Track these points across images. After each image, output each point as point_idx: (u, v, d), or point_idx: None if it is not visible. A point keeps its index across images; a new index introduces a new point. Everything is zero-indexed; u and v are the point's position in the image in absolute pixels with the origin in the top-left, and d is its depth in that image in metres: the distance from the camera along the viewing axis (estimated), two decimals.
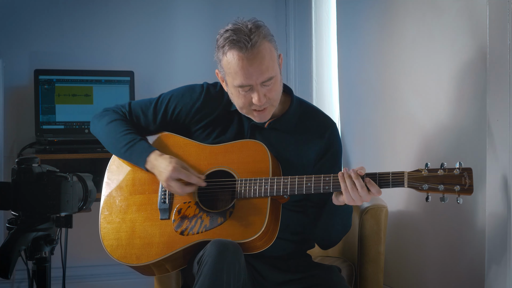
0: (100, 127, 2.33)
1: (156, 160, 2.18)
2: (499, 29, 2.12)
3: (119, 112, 2.33)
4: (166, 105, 2.30)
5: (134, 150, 2.22)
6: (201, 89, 2.29)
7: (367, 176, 1.97)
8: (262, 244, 2.07)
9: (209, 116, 2.27)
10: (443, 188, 1.90)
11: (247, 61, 2.05)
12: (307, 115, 2.26)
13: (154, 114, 2.31)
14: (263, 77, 2.07)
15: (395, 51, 2.87)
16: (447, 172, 1.91)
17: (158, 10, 3.82)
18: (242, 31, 2.07)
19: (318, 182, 2.03)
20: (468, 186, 1.89)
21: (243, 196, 2.09)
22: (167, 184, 2.14)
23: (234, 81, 2.10)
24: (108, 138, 2.29)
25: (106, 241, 2.21)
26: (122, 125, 2.28)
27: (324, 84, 3.64)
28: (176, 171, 2.12)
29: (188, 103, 2.28)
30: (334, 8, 3.46)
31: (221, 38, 2.10)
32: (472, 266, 2.36)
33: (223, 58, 2.11)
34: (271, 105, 2.14)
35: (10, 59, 3.53)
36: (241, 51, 2.05)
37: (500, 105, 2.12)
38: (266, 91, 2.10)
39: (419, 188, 1.93)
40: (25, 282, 3.53)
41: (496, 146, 2.14)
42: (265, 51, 2.07)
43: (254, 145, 2.16)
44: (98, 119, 2.35)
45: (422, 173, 1.93)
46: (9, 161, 3.49)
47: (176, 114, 2.29)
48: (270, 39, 2.11)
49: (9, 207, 1.69)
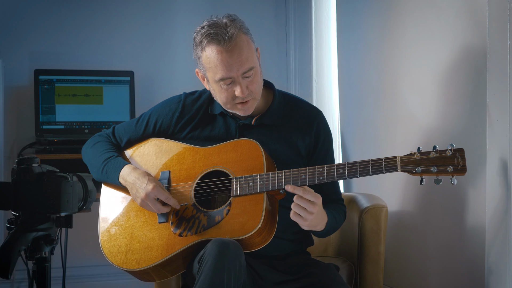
0: (85, 151, 2.36)
1: (129, 175, 2.19)
2: (499, 29, 2.12)
3: (103, 135, 2.37)
4: (147, 122, 2.32)
5: (109, 167, 2.24)
6: (178, 99, 2.32)
7: (359, 163, 1.99)
8: (261, 240, 2.07)
9: (191, 122, 2.29)
10: (436, 170, 1.90)
11: (226, 53, 2.08)
12: (293, 107, 2.28)
13: (136, 131, 2.33)
14: (244, 67, 2.10)
15: (395, 51, 2.87)
16: (439, 154, 1.91)
17: (158, 10, 3.82)
18: (218, 25, 2.11)
19: (312, 174, 2.04)
20: (461, 166, 1.88)
21: (239, 193, 2.10)
22: (142, 201, 2.14)
23: (215, 76, 2.12)
24: (90, 160, 2.32)
25: (106, 249, 2.22)
26: (102, 145, 2.31)
27: (324, 84, 3.64)
28: (155, 190, 2.13)
29: (168, 115, 2.30)
30: (334, 8, 3.46)
31: (198, 35, 2.14)
32: (472, 266, 2.36)
33: (202, 54, 2.14)
34: (253, 98, 2.17)
35: (10, 59, 3.53)
36: (220, 44, 2.08)
37: (500, 105, 2.12)
38: (248, 83, 2.13)
39: (412, 171, 1.92)
40: (25, 282, 3.53)
41: (496, 146, 2.14)
42: (242, 43, 2.10)
43: (247, 143, 2.16)
44: (85, 145, 2.39)
45: (414, 156, 1.93)
46: (9, 161, 3.49)
47: (158, 127, 2.31)
48: (246, 32, 2.15)
49: (9, 207, 1.69)
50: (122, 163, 2.23)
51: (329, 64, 3.60)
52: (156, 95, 3.57)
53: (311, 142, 2.24)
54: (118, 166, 2.22)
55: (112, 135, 2.36)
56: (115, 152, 2.29)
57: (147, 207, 2.16)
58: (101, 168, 2.26)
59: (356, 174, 1.99)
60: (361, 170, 1.98)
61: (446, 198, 2.50)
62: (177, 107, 2.30)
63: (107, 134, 2.37)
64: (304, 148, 2.23)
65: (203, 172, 2.19)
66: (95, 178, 2.27)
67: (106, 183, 2.30)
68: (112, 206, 2.28)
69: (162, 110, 2.32)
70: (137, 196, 2.16)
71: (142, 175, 2.17)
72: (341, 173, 2.01)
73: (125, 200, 2.26)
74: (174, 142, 2.29)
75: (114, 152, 2.28)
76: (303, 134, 2.23)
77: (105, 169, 2.24)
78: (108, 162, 2.24)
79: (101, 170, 2.26)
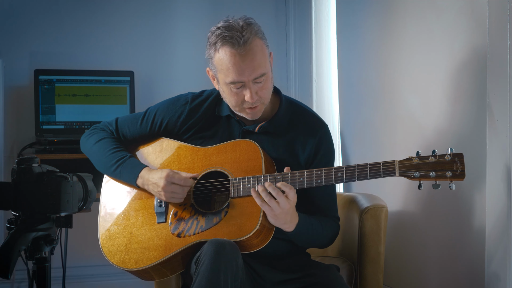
0: (88, 146, 2.34)
1: (148, 175, 2.20)
2: (499, 29, 2.12)
3: (106, 130, 2.35)
4: (152, 120, 2.32)
5: (124, 167, 2.24)
6: (185, 100, 2.31)
7: (357, 166, 1.98)
8: (259, 242, 2.07)
9: (197, 125, 2.28)
10: (435, 175, 1.88)
11: (240, 57, 2.07)
12: (298, 116, 2.26)
13: (141, 129, 2.33)
14: (255, 73, 2.09)
15: (395, 51, 2.87)
16: (438, 158, 1.89)
17: (158, 10, 3.82)
18: (234, 27, 2.09)
19: (310, 177, 2.03)
20: (459, 171, 1.86)
21: (237, 195, 2.10)
22: (166, 191, 2.14)
23: (226, 78, 2.11)
24: (97, 157, 2.31)
25: (105, 248, 2.23)
26: (110, 143, 2.30)
27: (324, 84, 3.63)
28: (170, 175, 2.14)
29: (174, 116, 2.29)
30: (334, 8, 3.46)
31: (212, 35, 2.12)
32: (472, 266, 2.36)
33: (215, 55, 2.12)
34: (262, 103, 2.16)
35: (10, 59, 3.53)
36: (234, 47, 2.07)
37: (500, 105, 2.12)
38: (258, 88, 2.12)
39: (410, 176, 1.91)
40: (25, 282, 3.53)
41: (496, 146, 2.14)
42: (257, 48, 2.09)
43: (246, 144, 2.16)
44: (86, 138, 2.37)
45: (413, 161, 1.91)
46: (9, 161, 3.49)
47: (163, 127, 2.31)
48: (261, 36, 2.13)
49: (9, 207, 1.69)
50: (139, 165, 2.24)
51: (329, 64, 3.60)
52: (156, 95, 3.57)
53: (311, 153, 2.21)
54: (135, 168, 2.23)
55: (116, 132, 2.35)
56: (126, 152, 2.29)
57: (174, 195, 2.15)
58: (114, 166, 2.25)
59: (354, 178, 1.98)
60: (359, 174, 1.97)
61: (446, 198, 2.50)
62: (183, 110, 2.29)
63: (110, 130, 2.35)
64: (304, 159, 2.22)
65: (202, 173, 2.20)
66: (101, 171, 2.31)
67: (114, 179, 2.31)
68: (112, 205, 2.28)
69: (168, 110, 2.31)
70: (159, 191, 2.16)
71: (156, 171, 2.19)
72: (339, 176, 2.01)
73: (125, 199, 2.27)
74: (174, 141, 2.29)
75: (125, 151, 2.28)
76: (304, 145, 2.22)
77: (120, 168, 2.24)
78: (123, 162, 2.25)
79: (114, 168, 2.25)
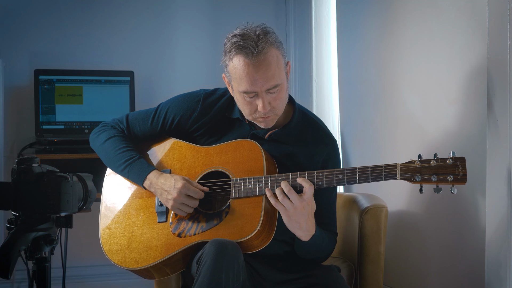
0: (98, 144, 2.34)
1: (157, 179, 2.19)
2: (499, 29, 2.12)
3: (117, 128, 2.35)
4: (164, 117, 2.30)
5: (133, 167, 2.24)
6: (198, 98, 2.29)
7: (358, 169, 1.97)
8: (260, 243, 2.07)
9: (208, 124, 2.27)
10: (436, 179, 1.87)
11: (253, 68, 2.04)
12: (309, 129, 2.25)
13: (152, 127, 2.32)
14: (268, 84, 2.06)
15: (395, 51, 2.87)
16: (439, 162, 1.88)
17: (158, 10, 3.82)
18: (250, 37, 2.06)
19: (311, 179, 2.03)
20: (461, 175, 1.85)
21: (238, 195, 2.09)
22: (176, 201, 2.12)
23: (240, 87, 2.09)
24: (107, 155, 2.30)
25: (106, 246, 2.23)
26: (120, 141, 2.29)
27: (324, 84, 3.63)
28: (186, 187, 2.12)
29: (186, 113, 2.28)
30: (334, 8, 3.46)
31: (228, 43, 2.10)
32: (472, 266, 2.36)
33: (229, 63, 2.10)
34: (275, 114, 2.14)
35: (10, 59, 3.53)
36: (247, 57, 2.04)
37: (500, 105, 2.12)
38: (271, 99, 2.10)
39: (412, 179, 1.90)
40: (25, 282, 3.53)
41: (496, 146, 2.14)
42: (271, 58, 2.06)
43: (248, 144, 2.16)
44: (96, 134, 2.36)
45: (414, 164, 1.91)
46: (9, 161, 3.49)
47: (175, 124, 2.30)
48: (278, 46, 2.10)
49: (9, 207, 1.69)
50: (148, 167, 2.23)
51: (329, 64, 3.60)
52: (156, 95, 3.57)
53: (317, 167, 2.19)
54: (144, 170, 2.22)
55: (127, 130, 2.34)
56: (136, 152, 2.28)
57: (183, 207, 2.13)
58: (123, 165, 2.25)
59: (355, 180, 1.98)
60: (360, 177, 1.97)
61: (447, 199, 2.50)
62: (195, 107, 2.28)
63: (121, 128, 2.34)
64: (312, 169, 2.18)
65: (203, 172, 2.19)
66: (109, 167, 2.32)
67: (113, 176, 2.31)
68: (113, 204, 2.28)
69: (180, 107, 2.29)
70: (168, 199, 2.14)
71: (166, 177, 2.17)
72: (340, 178, 2.00)
73: (126, 198, 2.27)
74: (177, 140, 2.28)
75: (135, 151, 2.27)
76: (311, 158, 2.21)
77: (128, 168, 2.24)
78: (132, 163, 2.24)
79: (123, 167, 2.25)
